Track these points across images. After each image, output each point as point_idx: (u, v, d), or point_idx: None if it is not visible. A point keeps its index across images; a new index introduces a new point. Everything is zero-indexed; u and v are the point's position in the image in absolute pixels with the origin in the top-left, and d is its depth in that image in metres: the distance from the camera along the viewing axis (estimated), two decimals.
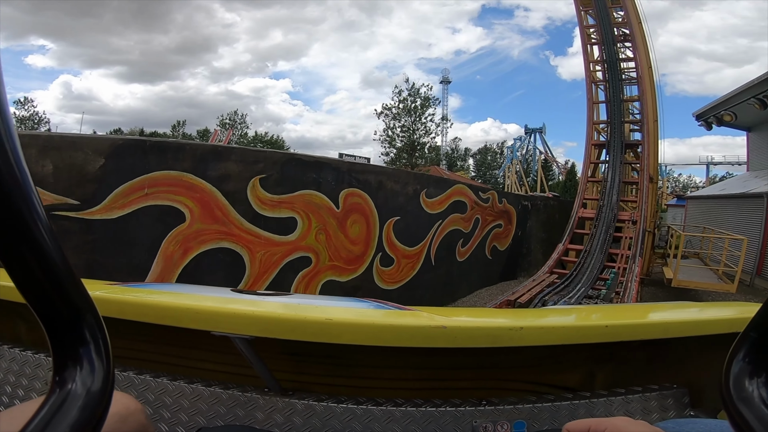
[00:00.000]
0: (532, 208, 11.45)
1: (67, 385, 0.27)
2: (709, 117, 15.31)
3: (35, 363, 0.88)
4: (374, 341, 0.70)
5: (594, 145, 10.95)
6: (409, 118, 28.62)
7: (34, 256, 0.26)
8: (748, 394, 0.29)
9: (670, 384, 0.87)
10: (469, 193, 8.90)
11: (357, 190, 6.31)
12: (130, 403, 0.59)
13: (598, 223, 9.24)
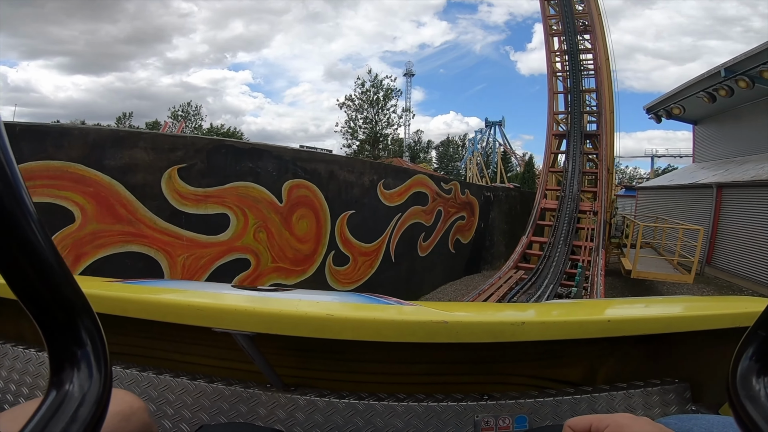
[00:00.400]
0: (494, 199, 11.07)
1: (64, 387, 0.27)
2: (659, 110, 15.61)
3: (38, 361, 0.87)
4: (376, 337, 0.68)
5: (554, 136, 10.68)
6: (371, 110, 27.85)
7: (27, 256, 0.25)
8: (755, 392, 0.28)
9: (671, 379, 0.86)
10: (431, 184, 8.30)
11: (304, 181, 5.51)
12: (133, 402, 0.57)
13: (560, 215, 8.94)
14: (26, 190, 0.25)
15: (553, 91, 11.34)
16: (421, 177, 8.02)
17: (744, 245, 10.63)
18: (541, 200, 9.39)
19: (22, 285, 0.26)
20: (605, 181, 9.22)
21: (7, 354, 0.90)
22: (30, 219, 0.25)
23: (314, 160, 5.72)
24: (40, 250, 0.26)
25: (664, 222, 11.69)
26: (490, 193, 10.88)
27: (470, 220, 10.07)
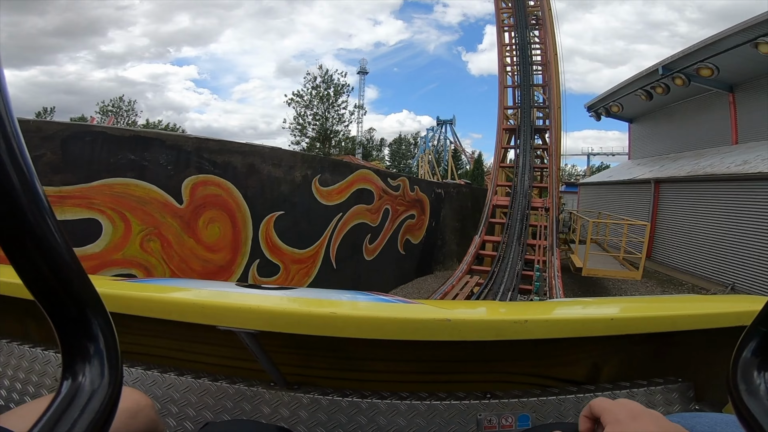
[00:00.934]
0: (445, 196, 10.40)
1: (77, 381, 0.27)
2: (599, 108, 15.84)
3: (44, 360, 0.86)
4: (379, 334, 0.67)
5: (505, 130, 10.19)
6: (321, 106, 26.54)
7: (41, 251, 0.25)
8: (755, 387, 0.28)
9: (675, 378, 0.84)
10: (376, 179, 7.40)
11: (213, 177, 4.38)
12: (140, 399, 0.57)
13: (512, 212, 8.42)
14: (41, 185, 0.25)
15: (503, 85, 10.91)
16: (365, 172, 7.10)
17: (681, 239, 10.83)
18: (492, 197, 8.83)
19: (35, 279, 0.26)
20: (555, 176, 8.83)
21: (13, 353, 0.88)
22: (44, 214, 0.25)
23: (227, 152, 4.60)
24: (54, 245, 0.25)
25: (607, 217, 11.69)
26: (441, 189, 10.21)
27: (421, 219, 9.31)
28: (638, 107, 14.33)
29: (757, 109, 10.61)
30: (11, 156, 0.23)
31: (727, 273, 9.14)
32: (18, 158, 0.23)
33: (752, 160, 9.54)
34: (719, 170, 9.96)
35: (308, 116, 26.49)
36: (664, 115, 13.84)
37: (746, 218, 8.81)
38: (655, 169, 12.96)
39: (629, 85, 13.24)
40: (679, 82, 11.15)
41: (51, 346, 0.89)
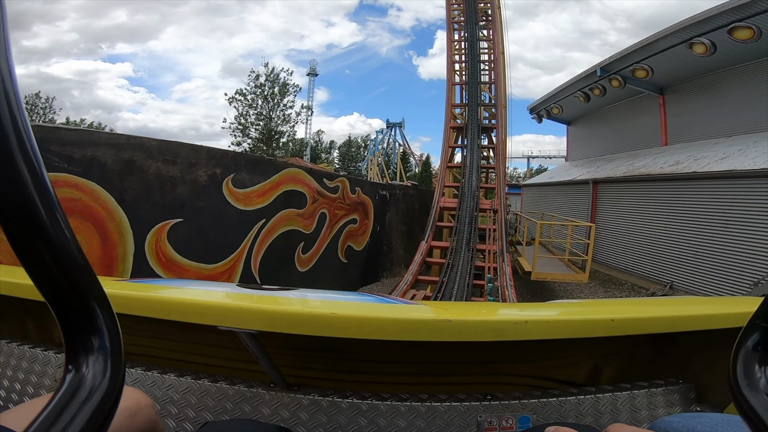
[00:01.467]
0: (390, 199, 9.60)
1: (80, 373, 0.27)
2: (540, 110, 15.98)
3: (44, 360, 0.85)
4: (379, 335, 0.65)
5: (452, 128, 9.59)
6: (266, 106, 24.85)
7: (48, 243, 0.25)
8: (756, 381, 0.28)
9: (676, 379, 0.83)
10: (309, 180, 6.38)
11: (68, 176, 3.17)
12: (141, 399, 0.56)
13: (460, 214, 7.78)
14: (48, 177, 0.25)
15: (451, 83, 10.35)
16: (295, 172, 6.06)
17: (620, 239, 10.93)
18: (440, 199, 8.15)
19: (40, 270, 0.26)
20: (502, 175, 8.33)
21: (13, 353, 0.87)
22: (52, 206, 0.25)
23: (89, 145, 3.37)
24: (60, 237, 0.25)
25: (551, 218, 11.57)
26: (386, 191, 9.39)
27: (363, 223, 8.42)
28: (576, 109, 14.55)
29: (684, 112, 10.97)
30: (22, 149, 0.23)
31: (666, 272, 9.21)
32: (28, 151, 0.23)
33: (684, 160, 9.76)
34: (653, 170, 10.11)
35: (251, 116, 24.72)
36: (600, 117, 14.15)
37: (681, 217, 8.92)
38: (592, 170, 13.15)
39: (569, 86, 13.34)
40: (616, 83, 11.28)
41: (51, 347, 0.87)
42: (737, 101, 9.37)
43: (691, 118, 10.75)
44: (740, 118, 9.32)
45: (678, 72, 10.34)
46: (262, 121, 24.60)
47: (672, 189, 9.38)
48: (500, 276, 6.11)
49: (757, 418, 0.27)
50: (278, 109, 24.97)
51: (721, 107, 9.88)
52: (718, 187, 8.15)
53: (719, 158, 8.72)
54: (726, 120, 9.74)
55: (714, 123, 10.07)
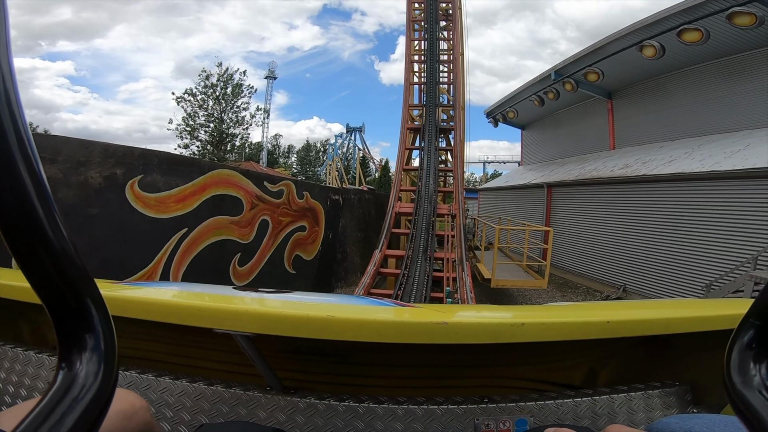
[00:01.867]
0: (344, 204, 8.88)
1: (73, 371, 0.27)
2: (496, 114, 15.97)
3: (38, 362, 0.83)
4: (376, 338, 0.64)
5: (409, 130, 9.05)
6: (217, 107, 23.22)
7: (43, 242, 0.25)
8: (750, 378, 0.28)
9: (672, 381, 0.82)
10: (245, 183, 5.53)
11: None
12: (136, 401, 0.56)
13: (417, 219, 7.21)
14: (45, 177, 0.25)
15: (409, 82, 9.83)
16: (226, 174, 5.18)
17: (574, 242, 10.91)
18: (395, 203, 7.54)
19: (35, 267, 0.25)
20: (460, 178, 7.89)
21: (6, 355, 0.86)
22: (50, 205, 0.25)
23: None
24: (58, 237, 0.25)
25: (508, 222, 11.38)
26: (339, 196, 8.66)
27: (314, 231, 7.63)
28: (531, 114, 14.64)
29: (631, 116, 11.17)
30: (21, 149, 0.23)
31: (619, 275, 9.19)
32: (27, 151, 0.23)
33: (632, 163, 9.87)
34: (603, 174, 10.16)
35: (200, 117, 22.99)
36: (552, 122, 14.30)
37: (633, 220, 8.93)
38: (546, 174, 13.20)
39: (525, 90, 13.33)
40: (569, 86, 11.32)
41: (44, 349, 0.86)
42: (682, 105, 9.61)
43: (637, 122, 10.96)
44: (685, 122, 9.55)
45: (626, 76, 10.50)
46: (213, 123, 22.98)
47: (622, 192, 9.42)
48: (460, 287, 5.58)
49: (753, 415, 0.26)
50: (231, 111, 23.46)
51: (666, 111, 10.11)
52: (667, 190, 8.20)
53: (666, 161, 8.84)
54: (671, 124, 9.97)
55: (659, 127, 10.30)
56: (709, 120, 9.00)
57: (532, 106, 13.56)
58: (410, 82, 9.84)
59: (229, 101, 23.39)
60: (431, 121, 8.99)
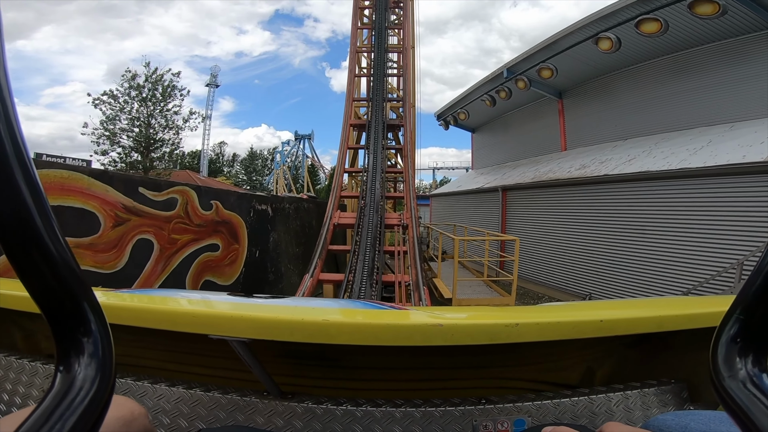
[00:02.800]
0: (276, 215, 7.17)
1: (71, 374, 0.26)
2: (447, 116, 15.02)
3: (32, 371, 0.82)
4: (372, 341, 0.63)
5: (352, 126, 7.58)
6: (144, 110, 20.23)
7: (36, 244, 0.25)
8: (736, 371, 0.28)
9: (668, 379, 0.82)
10: (97, 189, 3.69)
11: None
12: (135, 408, 0.54)
13: (361, 232, 5.71)
14: (40, 181, 0.25)
15: (354, 74, 8.35)
16: (59, 176, 3.32)
17: (532, 248, 10.03)
18: (334, 213, 6.00)
19: (30, 271, 0.25)
20: (412, 181, 6.54)
21: (0, 364, 0.85)
22: (46, 210, 0.25)
23: None
24: (54, 244, 0.25)
25: (464, 230, 10.28)
26: (268, 205, 6.94)
27: (231, 249, 5.87)
28: (482, 115, 13.82)
29: (581, 115, 10.60)
30: (17, 154, 0.23)
31: (582, 282, 8.33)
32: (24, 159, 0.23)
33: (589, 163, 9.17)
34: (561, 175, 9.40)
35: (123, 121, 19.88)
36: (503, 124, 13.57)
37: (594, 224, 8.17)
38: (499, 177, 12.36)
39: (476, 90, 12.43)
40: (522, 84, 10.49)
41: (38, 357, 0.84)
42: (633, 103, 9.05)
43: (588, 122, 10.38)
44: (636, 120, 9.00)
45: (579, 74, 9.84)
46: (138, 128, 19.97)
47: (583, 194, 8.63)
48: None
49: (740, 408, 0.26)
50: (160, 114, 20.57)
51: (616, 110, 9.54)
52: (633, 189, 7.44)
53: (625, 160, 8.15)
54: (622, 122, 9.40)
55: (610, 126, 9.71)
56: (661, 118, 8.47)
57: (484, 107, 12.73)
58: (354, 73, 8.39)
59: (157, 103, 20.51)
60: (378, 116, 7.59)
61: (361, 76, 8.51)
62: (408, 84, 8.19)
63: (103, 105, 19.44)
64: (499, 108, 12.55)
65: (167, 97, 20.41)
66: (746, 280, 0.29)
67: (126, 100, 19.68)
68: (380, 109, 7.69)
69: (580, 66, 9.45)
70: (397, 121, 7.85)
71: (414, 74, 8.94)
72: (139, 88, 19.79)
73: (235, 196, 5.94)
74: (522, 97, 11.64)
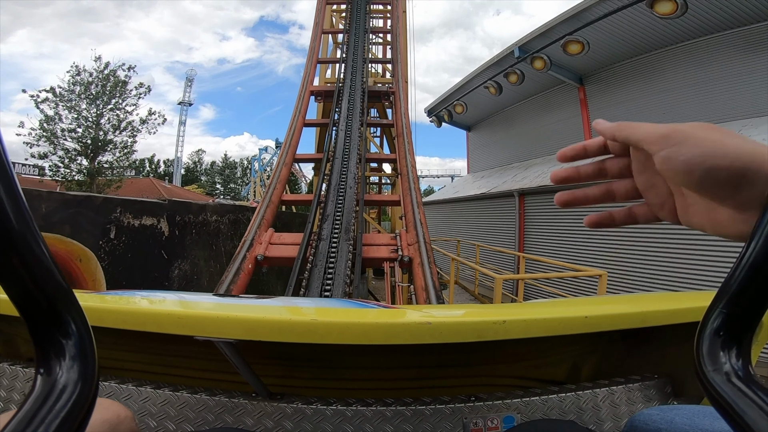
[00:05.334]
0: (185, 233, 4.10)
1: (52, 376, 0.25)
2: (440, 110, 12.27)
3: (12, 374, 0.78)
4: (361, 340, 0.60)
5: (314, 94, 4.61)
6: (92, 108, 16.73)
7: (14, 247, 0.23)
8: (720, 365, 0.27)
9: (652, 374, 0.81)
10: None
11: None
12: (120, 411, 0.51)
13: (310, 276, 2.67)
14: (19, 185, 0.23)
15: (320, 28, 5.43)
16: None
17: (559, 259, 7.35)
18: (259, 236, 2.96)
19: (8, 273, 0.24)
20: (415, 178, 3.62)
21: None
22: (23, 213, 0.23)
23: None
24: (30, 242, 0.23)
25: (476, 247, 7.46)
26: (161, 218, 3.85)
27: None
28: (481, 108, 11.10)
29: (612, 104, 8.02)
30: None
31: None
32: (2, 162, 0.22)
33: None
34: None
35: (65, 120, 16.32)
36: (505, 119, 10.89)
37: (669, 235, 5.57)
38: (509, 180, 9.63)
39: (478, 76, 9.67)
40: (540, 64, 7.77)
41: (18, 361, 0.80)
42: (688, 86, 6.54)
43: (622, 110, 7.79)
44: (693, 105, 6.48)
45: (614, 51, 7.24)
46: (83, 129, 16.42)
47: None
48: None
49: (726, 402, 0.25)
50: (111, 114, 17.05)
51: (663, 94, 7.02)
52: None
53: None
54: (673, 109, 6.88)
55: (656, 114, 7.18)
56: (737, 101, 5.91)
57: (484, 98, 10.04)
58: (322, 29, 5.45)
59: (109, 101, 16.98)
60: (357, 80, 4.66)
61: (331, 32, 5.58)
62: (400, 44, 5.32)
63: (45, 104, 15.95)
64: (502, 99, 9.88)
65: (116, 94, 16.88)
66: (728, 273, 0.27)
67: (69, 97, 16.16)
68: (359, 70, 4.77)
69: (615, 42, 6.85)
70: (385, 87, 4.92)
71: (406, 43, 6.08)
72: (86, 84, 16.33)
73: (58, 202, 2.83)
74: (531, 86, 8.99)
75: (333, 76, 5.85)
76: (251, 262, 2.68)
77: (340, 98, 4.52)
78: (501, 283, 3.21)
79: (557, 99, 9.19)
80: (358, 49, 5.31)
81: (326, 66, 6.50)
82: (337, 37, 7.11)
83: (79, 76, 16.27)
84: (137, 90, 17.28)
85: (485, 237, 9.43)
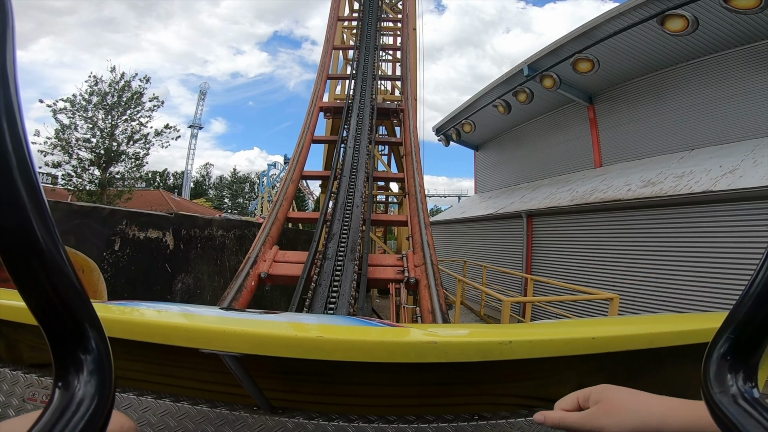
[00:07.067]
0: (190, 246, 4.08)
1: (69, 391, 0.25)
2: (448, 129, 12.34)
3: (12, 380, 0.79)
4: (366, 357, 0.61)
5: (324, 111, 4.65)
6: (107, 118, 17.16)
7: (39, 262, 0.23)
8: (727, 388, 0.28)
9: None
10: None
11: None
12: (124, 421, 0.51)
13: (314, 296, 2.62)
14: (46, 198, 0.24)
15: (331, 44, 5.54)
16: None
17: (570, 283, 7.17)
18: (263, 254, 2.93)
19: (34, 290, 0.24)
20: (423, 197, 3.58)
21: None
22: (50, 227, 0.23)
23: None
24: (57, 260, 0.24)
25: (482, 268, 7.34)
26: (167, 231, 3.86)
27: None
28: (490, 127, 11.16)
29: (623, 123, 7.97)
30: (23, 172, 0.22)
31: None
32: (30, 174, 0.22)
33: (656, 180, 6.55)
34: (617, 195, 6.67)
35: (80, 130, 16.71)
36: (513, 138, 10.93)
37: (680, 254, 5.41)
38: (517, 200, 9.56)
39: (487, 94, 9.77)
40: (549, 83, 7.84)
41: (20, 367, 0.81)
42: (704, 104, 6.49)
43: (632, 130, 7.75)
44: (709, 125, 6.40)
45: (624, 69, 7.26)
46: (96, 139, 16.80)
47: (655, 218, 5.89)
48: None
49: (732, 423, 0.26)
50: (126, 125, 17.44)
51: (678, 113, 6.97)
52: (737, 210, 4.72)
53: (719, 174, 5.49)
54: (685, 130, 6.81)
55: (668, 134, 7.12)
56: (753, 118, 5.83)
57: (493, 117, 10.10)
58: (333, 44, 5.55)
59: (126, 113, 17.43)
60: (365, 97, 4.70)
61: (342, 48, 5.68)
62: (410, 61, 5.39)
63: (62, 114, 16.42)
64: (511, 118, 9.93)
65: (132, 105, 17.34)
66: (737, 301, 0.28)
67: (86, 107, 16.62)
68: (368, 87, 4.83)
69: (625, 60, 6.88)
70: (394, 105, 4.96)
71: (416, 62, 6.17)
72: (102, 94, 16.82)
73: (64, 213, 2.83)
74: (540, 105, 9.04)
75: (342, 93, 5.93)
76: (254, 279, 2.64)
77: (349, 115, 4.55)
78: (509, 306, 3.10)
79: (566, 118, 9.21)
80: (368, 65, 5.39)
81: (336, 82, 6.62)
82: (347, 53, 7.29)
83: (97, 86, 16.79)
84: (150, 102, 17.75)
85: (492, 258, 9.29)
